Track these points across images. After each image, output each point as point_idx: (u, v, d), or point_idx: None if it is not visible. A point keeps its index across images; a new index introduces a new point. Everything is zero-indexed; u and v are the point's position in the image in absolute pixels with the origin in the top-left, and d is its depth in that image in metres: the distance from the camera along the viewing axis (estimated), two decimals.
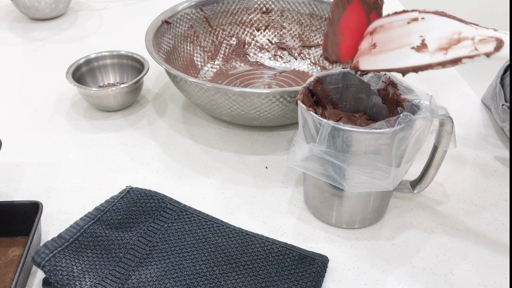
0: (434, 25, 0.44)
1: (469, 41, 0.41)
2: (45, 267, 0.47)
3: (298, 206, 0.58)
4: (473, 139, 0.68)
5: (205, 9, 0.82)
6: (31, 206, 0.52)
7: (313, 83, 0.53)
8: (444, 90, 0.79)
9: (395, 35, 0.47)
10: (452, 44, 0.42)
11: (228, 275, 0.48)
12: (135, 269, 0.49)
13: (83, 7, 1.10)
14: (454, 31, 0.42)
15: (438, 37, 0.43)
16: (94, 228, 0.51)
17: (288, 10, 0.84)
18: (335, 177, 0.48)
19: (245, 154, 0.66)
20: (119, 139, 0.69)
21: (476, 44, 0.41)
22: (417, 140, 0.48)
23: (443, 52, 0.43)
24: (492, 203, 0.58)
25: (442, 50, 0.43)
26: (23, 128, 0.71)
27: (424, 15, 0.45)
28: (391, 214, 0.57)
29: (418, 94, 0.50)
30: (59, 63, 0.87)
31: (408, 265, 0.51)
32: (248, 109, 0.62)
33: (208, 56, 0.83)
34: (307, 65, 0.83)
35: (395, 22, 0.47)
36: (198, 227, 0.53)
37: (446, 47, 0.42)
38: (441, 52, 0.43)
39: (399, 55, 0.46)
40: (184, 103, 0.76)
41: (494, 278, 0.50)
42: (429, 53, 0.44)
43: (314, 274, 0.48)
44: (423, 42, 0.44)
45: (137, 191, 0.56)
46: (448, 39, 0.42)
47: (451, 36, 0.42)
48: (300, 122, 0.50)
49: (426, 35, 0.44)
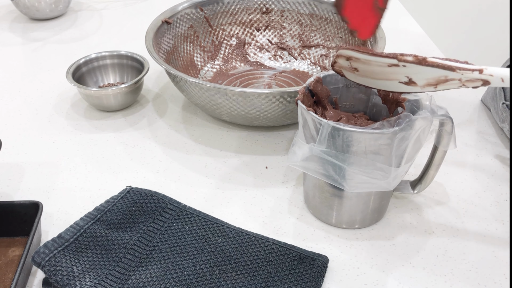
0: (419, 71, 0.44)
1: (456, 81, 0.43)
2: (45, 267, 0.47)
3: (298, 206, 0.58)
4: (473, 139, 0.68)
5: (205, 9, 0.82)
6: (31, 206, 0.52)
7: (313, 83, 0.53)
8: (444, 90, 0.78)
9: (377, 70, 0.47)
10: (440, 82, 0.44)
11: (228, 275, 0.48)
12: (135, 269, 0.49)
13: (83, 7, 1.10)
14: (440, 75, 0.43)
15: (425, 78, 0.44)
16: (94, 228, 0.51)
17: (288, 10, 0.84)
18: (335, 177, 0.48)
19: (245, 154, 0.66)
20: (119, 139, 0.69)
21: (463, 82, 0.43)
22: (417, 140, 0.48)
23: (432, 87, 0.45)
24: (492, 203, 0.58)
25: (431, 85, 0.45)
26: (23, 128, 0.71)
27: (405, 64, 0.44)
28: (391, 214, 0.57)
29: (418, 94, 0.50)
30: (59, 63, 0.87)
31: (408, 265, 0.51)
32: (248, 109, 0.62)
33: (208, 56, 0.83)
34: (307, 65, 0.83)
35: (373, 61, 0.47)
36: (198, 227, 0.53)
37: (435, 84, 0.44)
38: (431, 87, 0.45)
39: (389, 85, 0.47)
40: (184, 103, 0.76)
41: (494, 278, 0.50)
42: (419, 87, 0.45)
43: (314, 274, 0.48)
44: (411, 81, 0.45)
45: (137, 191, 0.56)
46: (436, 79, 0.44)
47: (438, 78, 0.44)
48: (300, 122, 0.50)
49: (413, 76, 0.45)
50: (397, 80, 0.46)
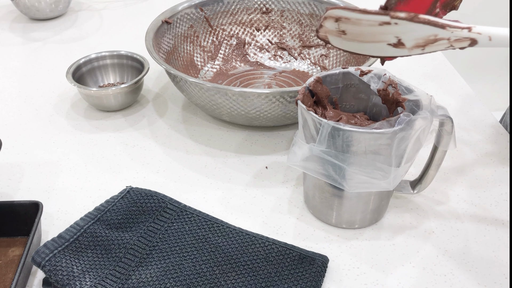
0: (409, 29, 0.44)
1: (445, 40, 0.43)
2: (45, 267, 0.47)
3: (298, 206, 0.58)
4: (473, 139, 0.68)
5: (205, 9, 0.82)
6: (31, 206, 0.52)
7: (313, 83, 0.53)
8: (444, 90, 0.79)
9: (367, 31, 0.46)
10: (429, 43, 0.44)
11: (228, 275, 0.48)
12: (135, 269, 0.49)
13: (83, 7, 1.10)
14: (430, 34, 0.43)
15: (415, 38, 0.44)
16: (94, 228, 0.51)
17: (288, 10, 0.84)
18: (335, 177, 0.48)
19: (245, 154, 0.66)
20: (119, 139, 0.69)
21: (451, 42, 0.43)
22: (417, 140, 0.48)
23: (420, 48, 0.44)
24: (492, 203, 0.58)
25: (420, 47, 0.44)
26: (23, 128, 0.71)
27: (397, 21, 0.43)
28: (391, 214, 0.57)
29: (418, 94, 0.50)
30: (59, 63, 0.88)
31: (408, 265, 0.51)
32: (248, 109, 0.62)
33: (208, 56, 0.83)
34: (307, 65, 0.83)
35: (364, 20, 0.45)
36: (198, 227, 0.53)
37: (423, 45, 0.44)
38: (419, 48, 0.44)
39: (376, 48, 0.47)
40: (184, 103, 0.76)
41: (494, 278, 0.50)
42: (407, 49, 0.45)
43: (314, 274, 0.48)
44: (400, 41, 0.45)
45: (137, 191, 0.56)
46: (425, 39, 0.44)
47: (427, 37, 0.43)
48: (300, 122, 0.50)
49: (402, 36, 0.44)
50: (385, 42, 0.45)
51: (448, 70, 0.84)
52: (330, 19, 0.47)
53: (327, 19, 0.47)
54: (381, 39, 0.46)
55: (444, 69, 0.84)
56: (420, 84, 0.79)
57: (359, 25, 0.46)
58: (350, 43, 0.48)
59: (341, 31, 0.47)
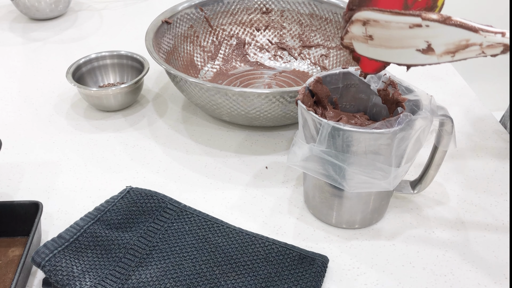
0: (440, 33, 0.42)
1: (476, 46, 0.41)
2: (45, 267, 0.47)
3: (298, 206, 0.58)
4: (473, 139, 0.68)
5: (205, 9, 0.82)
6: (31, 206, 0.52)
7: (313, 83, 0.53)
8: (444, 90, 0.79)
9: (396, 35, 0.44)
10: (460, 49, 0.42)
11: (228, 275, 0.48)
12: (135, 269, 0.49)
13: (83, 7, 1.10)
14: (461, 39, 0.41)
15: (445, 43, 0.42)
16: (94, 228, 0.51)
17: (288, 10, 0.84)
18: (335, 177, 0.48)
19: (245, 154, 0.66)
20: (119, 139, 0.69)
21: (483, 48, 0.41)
22: (417, 140, 0.48)
23: (450, 55, 0.43)
24: (492, 203, 0.58)
25: (450, 53, 0.43)
26: (23, 128, 0.71)
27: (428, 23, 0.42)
28: (391, 214, 0.57)
29: (418, 94, 0.50)
30: (59, 63, 0.87)
31: (408, 265, 0.51)
32: (248, 109, 0.62)
33: (208, 56, 0.83)
34: (307, 65, 0.83)
35: (394, 23, 0.44)
36: (198, 227, 0.53)
37: (454, 51, 0.42)
38: (448, 55, 0.43)
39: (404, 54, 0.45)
40: (184, 103, 0.76)
41: (494, 278, 0.50)
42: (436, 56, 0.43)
43: (314, 274, 0.48)
44: (430, 47, 0.43)
45: (137, 191, 0.56)
46: (456, 45, 0.42)
47: (459, 42, 0.42)
48: (300, 122, 0.50)
49: (432, 41, 0.43)
50: (414, 47, 0.44)
51: (448, 70, 0.84)
52: (357, 22, 0.46)
53: (355, 22, 0.46)
54: (410, 44, 0.44)
55: (444, 69, 0.84)
56: (420, 84, 0.79)
57: (388, 28, 0.44)
58: (377, 50, 0.46)
59: (368, 36, 0.46)
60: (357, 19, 0.46)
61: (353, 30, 0.47)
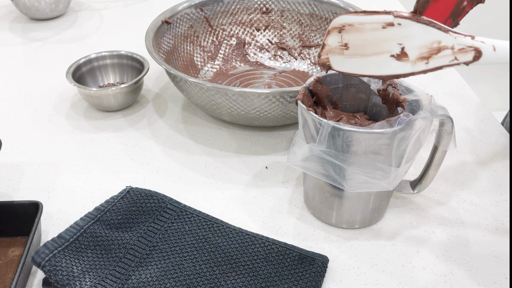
0: (412, 33, 0.43)
1: (448, 50, 0.42)
2: (45, 267, 0.47)
3: (298, 206, 0.58)
4: (473, 139, 0.68)
5: (205, 9, 0.82)
6: (31, 206, 0.52)
7: (313, 83, 0.53)
8: (444, 90, 0.79)
9: (369, 39, 0.45)
10: (433, 53, 0.43)
11: (228, 275, 0.48)
12: (135, 269, 0.49)
13: (83, 7, 1.10)
14: (433, 40, 0.42)
15: (418, 45, 0.43)
16: (94, 228, 0.51)
17: (288, 10, 0.84)
18: (335, 177, 0.48)
19: (245, 154, 0.66)
20: (119, 139, 0.69)
21: (455, 53, 0.42)
22: (417, 140, 0.48)
23: (424, 61, 0.43)
24: (492, 203, 0.58)
25: (423, 59, 0.43)
26: (23, 128, 0.71)
27: (400, 21, 0.43)
28: (391, 214, 0.57)
29: (418, 94, 0.50)
30: (59, 63, 0.87)
31: (408, 265, 0.51)
32: (248, 109, 0.62)
33: (208, 56, 0.83)
34: (307, 65, 0.83)
35: (368, 24, 0.45)
36: (198, 227, 0.53)
37: (427, 56, 0.43)
38: (423, 61, 0.43)
39: (378, 62, 0.46)
40: (184, 103, 0.76)
41: (494, 278, 0.50)
42: (410, 62, 0.44)
43: (314, 274, 0.48)
44: (403, 51, 0.44)
45: (137, 191, 0.56)
46: (428, 48, 0.43)
47: (431, 45, 0.42)
48: (300, 122, 0.50)
49: (405, 43, 0.43)
50: (388, 52, 0.45)
51: (448, 70, 0.84)
52: (333, 31, 0.47)
53: (331, 32, 0.47)
54: (384, 49, 0.45)
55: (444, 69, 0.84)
56: (420, 84, 0.79)
57: (362, 32, 0.45)
58: (352, 61, 0.47)
59: (344, 44, 0.47)
60: (333, 26, 0.47)
61: (329, 42, 0.48)
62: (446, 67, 0.43)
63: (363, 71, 0.48)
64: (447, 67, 0.43)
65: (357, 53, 0.47)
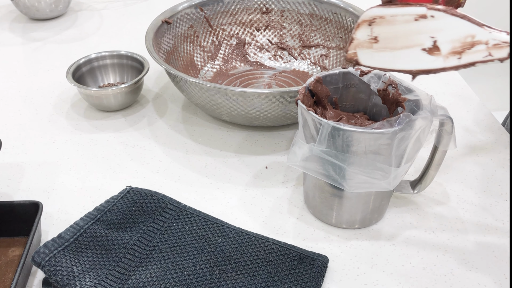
0: (445, 25, 0.41)
1: (482, 45, 0.40)
2: (45, 267, 0.47)
3: (298, 206, 0.58)
4: (473, 139, 0.68)
5: (205, 9, 0.82)
6: (31, 206, 0.52)
7: (313, 83, 0.53)
8: (444, 90, 0.79)
9: (401, 31, 0.44)
10: (466, 48, 0.41)
11: (228, 275, 0.48)
12: (135, 269, 0.49)
13: (83, 7, 1.10)
14: (467, 34, 0.40)
15: (451, 39, 0.41)
16: (94, 228, 0.51)
17: (288, 10, 0.84)
18: (335, 177, 0.48)
19: (245, 154, 0.66)
20: (119, 139, 0.69)
21: (490, 49, 0.40)
22: (417, 140, 0.48)
23: (457, 56, 0.41)
24: (492, 203, 0.58)
25: (456, 54, 0.41)
26: (23, 128, 0.71)
27: (433, 13, 0.41)
28: (391, 214, 0.57)
29: (418, 94, 0.50)
30: (59, 63, 0.87)
31: (408, 265, 0.51)
32: (248, 109, 0.62)
33: (208, 56, 0.83)
34: (307, 65, 0.83)
35: (399, 16, 0.43)
36: (198, 227, 0.53)
37: (460, 51, 0.41)
38: (455, 56, 0.42)
39: (409, 56, 0.44)
40: (184, 103, 0.76)
41: (494, 278, 0.50)
42: (442, 57, 0.42)
43: (314, 274, 0.48)
44: (435, 44, 0.42)
45: (137, 191, 0.56)
46: (462, 42, 0.41)
47: (464, 39, 0.41)
48: (300, 122, 0.50)
49: (437, 36, 0.42)
50: (419, 45, 0.43)
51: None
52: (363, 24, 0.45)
53: (361, 25, 0.46)
54: (415, 42, 0.43)
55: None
56: (420, 84, 0.79)
57: (393, 24, 0.44)
58: (381, 55, 0.46)
59: (374, 38, 0.45)
60: (364, 19, 0.45)
61: (358, 35, 0.46)
62: (480, 63, 0.41)
63: (392, 66, 0.46)
64: (480, 63, 0.41)
65: (387, 46, 0.45)
